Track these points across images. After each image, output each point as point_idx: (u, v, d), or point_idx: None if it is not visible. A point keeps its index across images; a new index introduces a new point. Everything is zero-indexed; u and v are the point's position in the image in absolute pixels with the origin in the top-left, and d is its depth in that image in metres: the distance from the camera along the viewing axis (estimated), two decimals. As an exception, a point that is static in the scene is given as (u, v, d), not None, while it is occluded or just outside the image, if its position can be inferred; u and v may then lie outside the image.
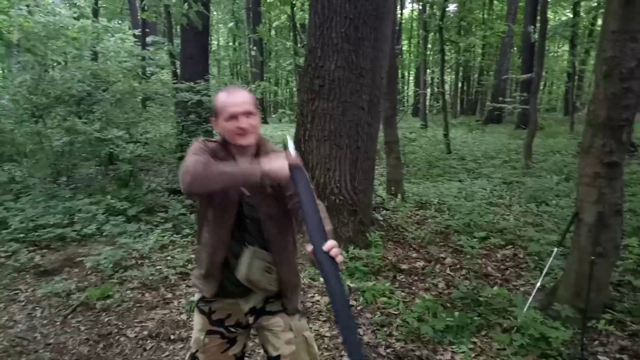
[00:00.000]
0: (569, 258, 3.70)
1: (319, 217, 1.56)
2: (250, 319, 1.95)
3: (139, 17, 13.78)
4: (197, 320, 1.98)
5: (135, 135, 7.24)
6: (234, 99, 1.77)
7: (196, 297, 2.01)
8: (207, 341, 1.93)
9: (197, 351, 1.95)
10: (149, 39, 11.03)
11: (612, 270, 3.72)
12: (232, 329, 1.94)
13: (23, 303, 4.08)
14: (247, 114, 1.76)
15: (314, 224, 1.54)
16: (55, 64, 8.25)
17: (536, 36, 12.18)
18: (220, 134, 1.86)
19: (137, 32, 10.24)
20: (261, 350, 2.71)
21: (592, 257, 3.33)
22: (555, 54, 31.22)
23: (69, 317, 3.83)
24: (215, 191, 1.71)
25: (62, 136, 6.74)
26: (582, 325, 3.24)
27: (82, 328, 3.67)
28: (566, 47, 23.32)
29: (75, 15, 8.66)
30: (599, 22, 16.39)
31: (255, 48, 20.32)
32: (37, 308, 3.99)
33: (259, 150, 1.85)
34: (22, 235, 5.37)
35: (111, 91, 7.60)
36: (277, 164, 1.58)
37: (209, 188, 1.64)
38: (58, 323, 3.74)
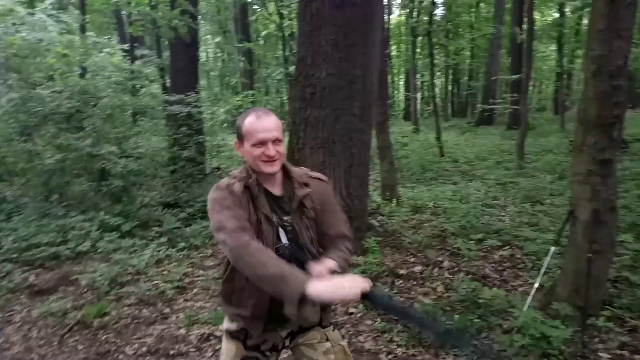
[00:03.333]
0: (566, 256, 3.70)
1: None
2: (287, 342, 1.91)
3: (126, 32, 13.76)
4: (229, 347, 1.89)
5: (126, 150, 7.21)
6: (264, 124, 1.70)
7: (227, 325, 1.91)
8: None
9: None
10: (137, 53, 11.00)
11: (609, 266, 3.72)
12: (268, 353, 1.88)
13: (19, 324, 4.04)
14: (276, 141, 1.71)
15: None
16: (44, 81, 8.20)
17: (524, 37, 12.28)
18: (243, 159, 1.79)
19: (126, 46, 10.20)
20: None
21: (589, 255, 3.34)
22: (544, 54, 31.50)
23: (66, 336, 3.79)
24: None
25: (53, 154, 6.70)
26: (581, 323, 3.24)
27: (80, 347, 3.63)
28: (554, 47, 23.52)
29: (63, 31, 8.61)
30: (585, 21, 16.58)
31: (243, 58, 20.37)
32: (33, 329, 3.94)
33: (286, 173, 1.81)
34: (15, 255, 5.31)
35: (101, 106, 7.57)
36: (328, 292, 1.43)
37: (248, 275, 1.60)
38: (55, 343, 3.70)
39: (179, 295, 4.48)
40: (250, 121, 1.71)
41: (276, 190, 1.78)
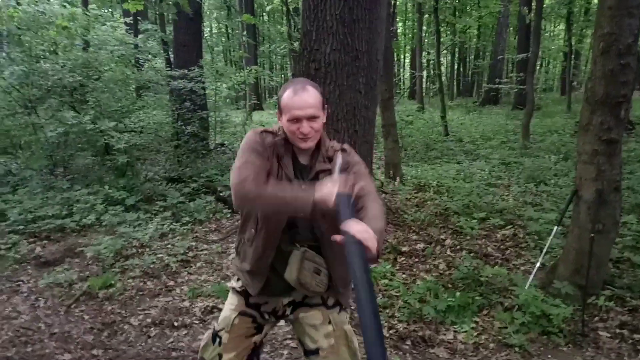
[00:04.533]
0: (569, 236, 3.71)
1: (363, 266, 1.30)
2: (288, 310, 1.90)
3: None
4: (232, 299, 1.92)
5: (129, 125, 7.20)
6: (300, 100, 1.64)
7: (234, 282, 1.94)
8: (236, 322, 1.86)
9: (222, 329, 1.87)
10: (140, 27, 10.88)
11: (612, 247, 3.74)
12: (267, 316, 1.89)
13: (25, 294, 4.09)
14: (312, 118, 1.66)
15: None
16: (46, 54, 8.13)
17: (532, 16, 12.08)
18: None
19: (129, 20, 10.08)
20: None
21: (592, 234, 3.35)
22: (552, 34, 31.03)
23: (73, 306, 3.84)
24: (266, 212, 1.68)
25: (56, 127, 6.70)
26: (582, 302, 3.27)
27: (86, 317, 3.68)
28: (562, 26, 23.16)
29: (65, 3, 8.51)
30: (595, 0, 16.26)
31: (247, 33, 20.12)
32: (40, 299, 4.00)
33: (318, 148, 1.77)
34: (21, 227, 5.36)
35: (103, 80, 7.52)
36: (326, 191, 1.50)
37: (259, 209, 1.67)
38: (62, 313, 3.75)
39: (183, 269, 4.53)
40: (287, 96, 1.67)
41: (304, 159, 1.77)
